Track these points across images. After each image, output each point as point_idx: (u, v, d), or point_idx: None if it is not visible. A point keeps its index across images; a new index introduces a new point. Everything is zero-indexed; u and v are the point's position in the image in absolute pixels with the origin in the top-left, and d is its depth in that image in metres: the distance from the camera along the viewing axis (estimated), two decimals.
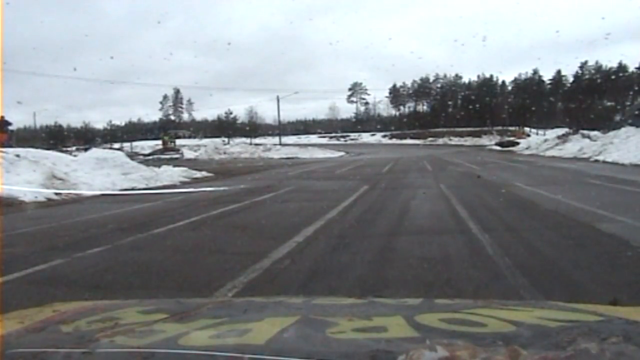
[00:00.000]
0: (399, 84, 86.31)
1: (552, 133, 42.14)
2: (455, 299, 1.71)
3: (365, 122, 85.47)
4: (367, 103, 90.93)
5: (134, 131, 73.95)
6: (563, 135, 34.90)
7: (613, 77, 65.74)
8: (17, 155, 13.58)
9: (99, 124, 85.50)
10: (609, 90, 65.52)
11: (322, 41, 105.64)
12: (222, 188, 12.51)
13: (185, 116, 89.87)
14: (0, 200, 9.59)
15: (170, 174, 16.47)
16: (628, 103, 51.16)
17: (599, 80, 69.50)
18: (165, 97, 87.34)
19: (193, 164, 24.97)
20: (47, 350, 0.79)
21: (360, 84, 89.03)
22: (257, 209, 8.82)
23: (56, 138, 57.28)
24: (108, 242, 5.60)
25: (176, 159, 34.65)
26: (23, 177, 11.74)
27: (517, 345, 0.72)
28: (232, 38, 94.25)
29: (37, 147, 21.97)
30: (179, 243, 5.76)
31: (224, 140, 63.75)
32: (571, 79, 76.71)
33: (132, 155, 28.56)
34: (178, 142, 50.68)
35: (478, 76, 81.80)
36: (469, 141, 65.38)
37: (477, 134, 68.45)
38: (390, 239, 5.65)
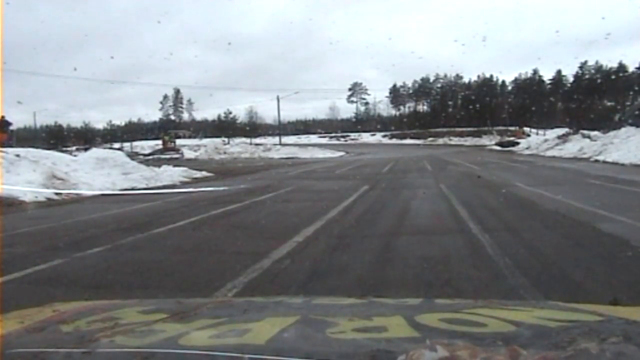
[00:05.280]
0: (399, 84, 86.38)
1: (552, 133, 42.06)
2: (455, 299, 1.71)
3: (365, 122, 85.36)
4: (367, 103, 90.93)
5: (134, 131, 73.84)
6: (563, 135, 34.86)
7: (613, 77, 65.66)
8: (17, 155, 13.57)
9: (99, 124, 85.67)
10: (609, 90, 65.46)
11: (322, 41, 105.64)
12: (222, 188, 12.51)
13: (186, 116, 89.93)
14: (0, 200, 9.59)
15: (170, 174, 16.46)
16: (628, 103, 51.10)
17: (599, 80, 69.43)
18: (165, 97, 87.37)
19: (193, 164, 24.96)
20: (47, 350, 0.79)
21: (361, 84, 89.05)
22: (257, 209, 8.82)
23: (56, 138, 57.20)
24: (108, 242, 5.59)
25: (176, 159, 34.62)
26: (23, 177, 11.74)
27: (517, 345, 0.72)
28: (233, 38, 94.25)
29: (37, 147, 21.95)
30: (179, 243, 5.76)
31: (224, 140, 63.63)
32: (571, 79, 76.69)
33: (132, 155, 28.54)
34: (178, 142, 50.61)
35: (478, 76, 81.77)
36: (469, 141, 65.30)
37: (477, 134, 68.35)
38: (391, 239, 5.65)
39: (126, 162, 16.75)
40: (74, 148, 40.71)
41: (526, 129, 58.30)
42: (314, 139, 74.17)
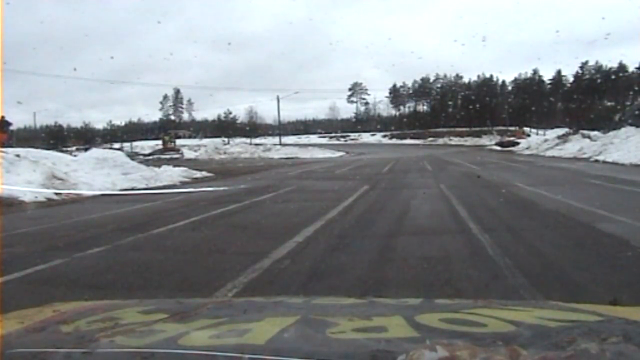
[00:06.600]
0: (399, 84, 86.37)
1: (552, 133, 42.07)
2: (455, 299, 1.71)
3: (365, 122, 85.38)
4: (367, 103, 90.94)
5: (134, 131, 73.82)
6: (563, 135, 34.88)
7: (613, 77, 65.68)
8: (17, 155, 13.57)
9: (99, 124, 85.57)
10: (609, 90, 65.47)
11: (323, 41, 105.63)
12: (222, 188, 12.51)
13: (186, 116, 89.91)
14: (0, 200, 9.59)
15: (170, 174, 16.46)
16: (628, 103, 51.09)
17: (599, 80, 69.45)
18: (165, 97, 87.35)
19: (193, 164, 24.95)
20: (47, 350, 0.79)
21: (361, 84, 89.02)
22: (257, 209, 8.82)
23: (56, 138, 57.18)
24: (108, 242, 5.60)
25: (176, 159, 34.62)
26: (23, 177, 11.74)
27: (517, 345, 0.72)
28: (233, 38, 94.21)
29: (37, 147, 21.98)
30: (179, 243, 5.76)
31: (224, 140, 63.62)
32: (571, 79, 76.71)
33: (132, 155, 28.53)
34: (178, 142, 50.60)
35: (478, 76, 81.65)
36: (469, 141, 65.32)
37: (477, 134, 68.37)
38: (390, 239, 5.65)
39: (126, 162, 16.75)
40: (74, 148, 40.72)
41: (526, 129, 58.28)
42: (314, 139, 74.12)
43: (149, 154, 40.61)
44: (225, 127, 76.56)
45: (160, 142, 49.09)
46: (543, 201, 8.47)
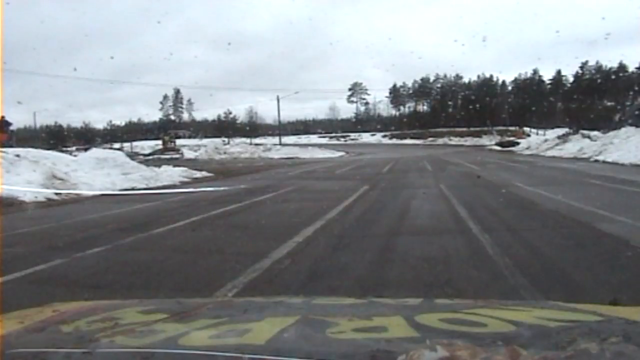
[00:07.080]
0: (399, 84, 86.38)
1: (552, 133, 42.10)
2: (455, 299, 1.71)
3: (365, 122, 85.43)
4: (367, 103, 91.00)
5: (134, 131, 73.76)
6: (563, 135, 34.89)
7: (613, 77, 65.70)
8: (17, 155, 13.57)
9: (100, 124, 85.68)
10: (609, 90, 65.44)
11: (323, 41, 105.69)
12: (222, 188, 12.50)
13: (186, 116, 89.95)
14: (0, 200, 9.59)
15: (170, 174, 16.46)
16: (628, 103, 51.08)
17: (599, 80, 69.49)
18: (165, 97, 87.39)
19: (193, 164, 24.95)
20: (47, 350, 0.79)
21: (361, 84, 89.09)
22: (257, 209, 8.82)
23: (56, 138, 57.15)
24: (108, 242, 5.59)
25: (176, 159, 34.59)
26: (23, 177, 11.74)
27: (517, 345, 0.72)
28: (233, 38, 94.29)
29: (37, 147, 21.96)
30: (179, 243, 5.76)
31: (224, 140, 63.53)
32: (571, 79, 76.72)
33: (132, 155, 28.51)
34: (178, 142, 50.55)
35: (478, 76, 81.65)
36: (469, 141, 65.30)
37: (477, 134, 68.32)
38: (390, 239, 5.65)
39: (126, 162, 16.74)
40: (74, 148, 40.68)
41: (526, 129, 58.32)
42: (314, 139, 74.05)
43: (149, 154, 40.60)
44: (225, 127, 76.57)
45: (160, 142, 49.05)
46: (543, 201, 8.47)
